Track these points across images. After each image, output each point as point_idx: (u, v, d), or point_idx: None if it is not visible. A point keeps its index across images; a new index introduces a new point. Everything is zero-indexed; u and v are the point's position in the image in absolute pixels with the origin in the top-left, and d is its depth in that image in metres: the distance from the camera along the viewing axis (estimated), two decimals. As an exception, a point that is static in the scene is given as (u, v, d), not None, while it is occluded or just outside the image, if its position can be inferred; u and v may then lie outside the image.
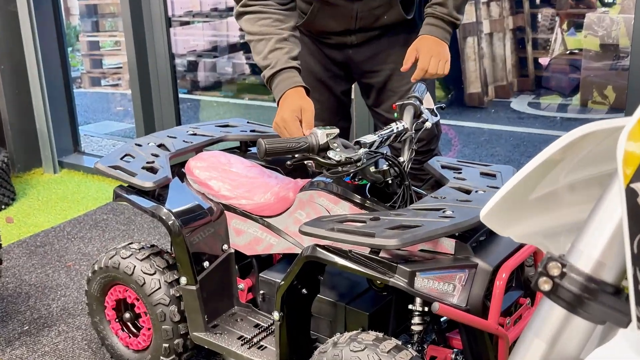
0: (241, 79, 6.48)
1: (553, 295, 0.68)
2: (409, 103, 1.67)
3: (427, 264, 1.38)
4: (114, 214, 3.51)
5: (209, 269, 1.82)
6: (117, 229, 3.31)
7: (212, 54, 6.47)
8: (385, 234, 1.30)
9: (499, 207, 0.77)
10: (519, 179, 0.74)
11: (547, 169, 0.75)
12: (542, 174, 0.76)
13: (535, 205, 0.79)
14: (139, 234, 3.24)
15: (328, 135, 1.47)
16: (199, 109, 6.40)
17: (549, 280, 0.68)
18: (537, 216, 0.79)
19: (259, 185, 1.83)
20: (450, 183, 1.65)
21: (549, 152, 0.73)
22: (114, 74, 7.25)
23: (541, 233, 0.80)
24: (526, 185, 0.76)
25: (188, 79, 6.58)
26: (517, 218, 0.79)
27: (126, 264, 1.87)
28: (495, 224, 0.79)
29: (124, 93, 6.77)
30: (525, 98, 5.61)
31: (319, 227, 1.39)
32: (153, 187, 1.78)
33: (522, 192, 0.76)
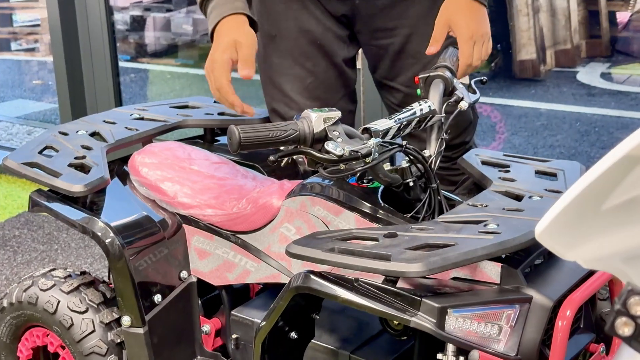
0: (204, 41, 6.49)
1: (635, 341, 0.68)
2: (437, 75, 1.67)
3: (462, 297, 1.38)
4: (30, 229, 3.51)
5: (161, 304, 1.82)
6: (33, 249, 3.31)
7: (164, 7, 6.48)
8: (404, 256, 1.30)
9: (560, 220, 0.77)
10: (588, 183, 0.75)
11: (627, 169, 0.76)
12: (620, 176, 0.76)
13: (610, 218, 0.80)
14: (63, 256, 3.24)
15: (326, 120, 1.46)
16: (147, 83, 6.40)
17: (630, 321, 0.68)
18: (612, 233, 0.80)
19: (230, 189, 1.83)
20: (494, 186, 1.65)
21: (630, 145, 0.73)
22: (29, 35, 7.24)
23: (618, 256, 0.81)
24: (598, 191, 0.76)
25: (131, 42, 6.59)
26: (585, 236, 0.80)
27: (47, 299, 1.87)
28: (556, 243, 0.80)
29: (42, 61, 6.77)
30: (597, 67, 5.63)
31: (314, 247, 1.39)
32: (84, 192, 1.77)
33: (592, 200, 0.77)
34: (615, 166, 0.74)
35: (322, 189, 1.65)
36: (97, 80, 3.87)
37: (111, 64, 3.82)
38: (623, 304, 0.69)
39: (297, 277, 1.50)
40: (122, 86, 4.01)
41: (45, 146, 1.95)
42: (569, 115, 4.87)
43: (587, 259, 0.81)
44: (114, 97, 3.87)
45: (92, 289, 1.90)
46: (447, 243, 1.34)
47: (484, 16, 1.80)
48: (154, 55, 6.60)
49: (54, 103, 5.07)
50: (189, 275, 1.86)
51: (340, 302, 1.45)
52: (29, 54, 7.12)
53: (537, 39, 5.52)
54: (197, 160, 1.92)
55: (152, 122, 2.07)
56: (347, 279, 1.44)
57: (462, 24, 1.76)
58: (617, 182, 0.77)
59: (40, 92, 6.21)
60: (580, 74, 5.54)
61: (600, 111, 4.89)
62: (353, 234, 1.44)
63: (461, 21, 1.76)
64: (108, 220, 1.78)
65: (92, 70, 3.87)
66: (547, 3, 5.61)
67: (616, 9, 5.76)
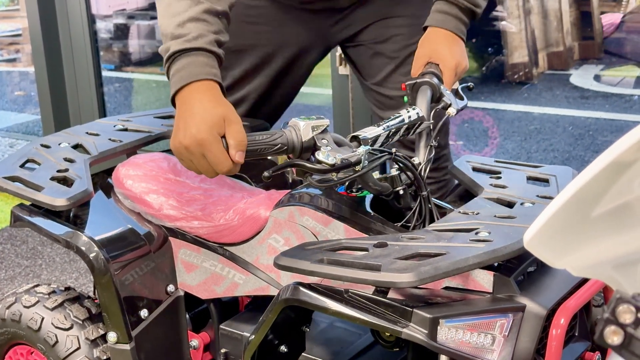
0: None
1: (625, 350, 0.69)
2: (424, 82, 1.68)
3: (454, 307, 1.38)
4: (13, 244, 3.50)
5: (148, 319, 1.81)
6: (17, 264, 3.30)
7: (148, 15, 6.47)
8: (395, 266, 1.30)
9: (549, 228, 0.78)
10: (576, 189, 0.75)
11: (617, 174, 0.76)
12: (610, 181, 0.77)
13: (600, 224, 0.80)
14: (48, 271, 3.23)
15: (314, 128, 1.46)
16: (132, 92, 6.40)
17: (619, 329, 0.69)
18: (602, 240, 0.80)
19: (217, 200, 1.83)
20: (486, 193, 1.66)
21: (619, 149, 0.74)
22: (10, 45, 7.23)
23: (609, 263, 0.81)
24: (587, 198, 0.77)
25: (115, 51, 6.58)
26: (574, 243, 0.80)
27: (31, 316, 1.87)
28: (545, 251, 0.80)
29: (24, 71, 6.75)
30: (591, 69, 5.65)
31: (303, 259, 1.39)
32: (67, 206, 1.76)
33: (581, 207, 0.77)
34: (603, 172, 0.75)
35: (310, 198, 1.65)
36: (80, 90, 3.87)
37: (94, 74, 3.82)
38: (612, 312, 0.69)
39: (286, 289, 1.50)
40: (106, 96, 4.01)
41: (27, 159, 1.94)
42: (562, 119, 4.88)
43: (577, 267, 0.82)
44: (97, 107, 3.87)
45: (77, 305, 1.89)
46: (439, 252, 1.34)
47: (461, 46, 1.82)
48: (138, 63, 6.59)
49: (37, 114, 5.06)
50: (176, 289, 1.85)
51: (331, 314, 1.45)
52: (10, 64, 7.11)
53: (529, 42, 5.54)
54: (183, 172, 1.92)
55: (136, 133, 2.06)
56: (337, 291, 1.44)
57: (446, 54, 1.77)
58: (606, 189, 0.77)
59: (23, 103, 6.20)
60: (573, 76, 5.56)
61: (594, 114, 4.91)
62: (342, 244, 1.44)
63: (445, 51, 1.78)
64: (92, 234, 1.78)
65: (75, 80, 3.87)
66: (539, 5, 5.63)
67: (609, 10, 5.79)
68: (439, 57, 1.77)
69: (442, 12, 1.83)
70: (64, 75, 3.88)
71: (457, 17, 1.82)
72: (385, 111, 2.12)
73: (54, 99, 3.87)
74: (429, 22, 1.84)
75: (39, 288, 1.94)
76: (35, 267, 3.27)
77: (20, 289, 1.97)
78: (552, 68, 5.63)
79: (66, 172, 1.86)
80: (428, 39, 1.83)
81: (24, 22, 5.56)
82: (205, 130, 1.44)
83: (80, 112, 3.90)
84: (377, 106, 2.16)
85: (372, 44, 2.09)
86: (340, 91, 3.16)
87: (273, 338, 1.59)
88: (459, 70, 1.78)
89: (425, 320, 1.35)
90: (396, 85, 2.06)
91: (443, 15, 1.82)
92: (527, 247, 0.80)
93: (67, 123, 3.95)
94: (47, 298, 1.90)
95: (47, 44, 3.79)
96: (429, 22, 1.84)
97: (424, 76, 1.69)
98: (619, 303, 0.70)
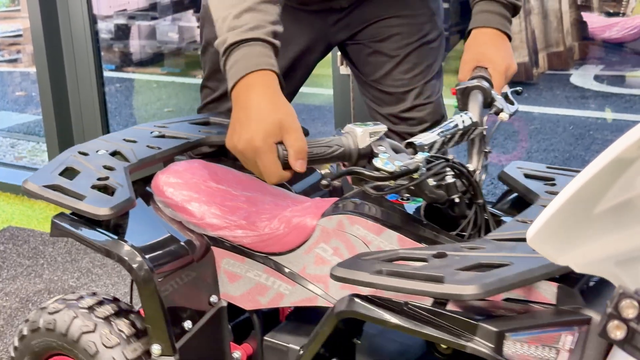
0: (191, 48, 6.49)
1: (628, 345, 0.69)
2: (475, 86, 1.63)
3: (519, 320, 1.31)
4: (15, 244, 3.50)
5: (191, 331, 1.76)
6: (19, 264, 3.30)
7: (149, 15, 6.48)
8: (458, 277, 1.24)
9: (551, 225, 0.78)
10: (579, 187, 0.75)
11: (618, 171, 0.76)
12: (612, 178, 0.77)
13: (602, 221, 0.81)
14: (50, 271, 3.23)
15: (371, 134, 1.41)
16: (133, 92, 6.40)
17: (622, 324, 0.69)
18: (604, 237, 0.81)
19: (261, 208, 1.77)
20: (542, 200, 1.60)
21: (620, 147, 0.74)
22: (11, 46, 7.23)
23: (611, 260, 0.82)
24: (589, 195, 0.77)
25: (116, 51, 6.59)
26: (577, 240, 0.80)
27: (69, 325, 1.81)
28: (548, 248, 0.81)
29: (25, 71, 6.75)
30: (591, 69, 5.66)
31: (360, 270, 1.33)
32: (111, 216, 1.69)
33: (583, 204, 0.78)
34: (605, 169, 0.75)
35: (360, 207, 1.59)
36: (81, 90, 3.87)
37: (96, 74, 3.82)
38: (615, 307, 0.70)
39: (341, 302, 1.44)
40: (107, 96, 4.00)
41: (65, 167, 1.87)
42: (563, 119, 4.88)
43: (579, 263, 0.82)
44: (99, 107, 3.86)
45: (123, 319, 1.83)
46: (502, 263, 1.29)
47: (511, 49, 1.77)
48: (139, 64, 6.59)
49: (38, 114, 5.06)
50: (219, 300, 1.80)
51: (390, 327, 1.39)
52: (11, 65, 7.11)
53: (529, 42, 5.54)
54: (224, 179, 1.87)
55: (174, 140, 1.99)
56: (396, 303, 1.38)
57: (495, 57, 1.73)
58: (608, 186, 0.78)
59: (24, 103, 6.19)
60: (573, 76, 5.56)
61: (595, 114, 4.91)
62: (400, 254, 1.38)
63: (494, 54, 1.74)
64: (134, 243, 1.73)
65: (76, 80, 3.87)
66: (539, 5, 5.63)
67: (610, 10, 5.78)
68: (487, 61, 1.73)
69: (485, 12, 1.78)
70: (65, 75, 3.87)
71: (501, 14, 1.78)
72: (382, 107, 2.11)
73: (56, 99, 3.87)
74: (472, 24, 1.80)
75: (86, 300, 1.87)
76: (37, 267, 3.27)
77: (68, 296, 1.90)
78: (552, 68, 5.63)
79: (107, 181, 1.79)
80: (474, 41, 1.78)
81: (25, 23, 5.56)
82: (261, 139, 1.38)
83: (81, 112, 3.90)
84: (375, 102, 2.14)
85: (372, 43, 2.08)
86: (341, 91, 3.16)
87: (324, 351, 1.54)
88: (509, 74, 1.74)
89: (491, 334, 1.29)
90: (395, 83, 2.06)
91: (486, 15, 1.78)
92: (530, 244, 0.81)
93: (68, 123, 3.94)
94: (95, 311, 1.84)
95: (48, 44, 3.78)
96: (472, 24, 1.80)
97: (474, 80, 1.64)
98: (621, 298, 0.70)
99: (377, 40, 2.08)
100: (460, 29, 5.56)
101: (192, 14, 6.49)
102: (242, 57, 1.48)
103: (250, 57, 1.48)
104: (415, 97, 2.07)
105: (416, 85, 2.07)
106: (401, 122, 2.08)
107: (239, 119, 1.44)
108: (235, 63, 1.48)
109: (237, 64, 1.47)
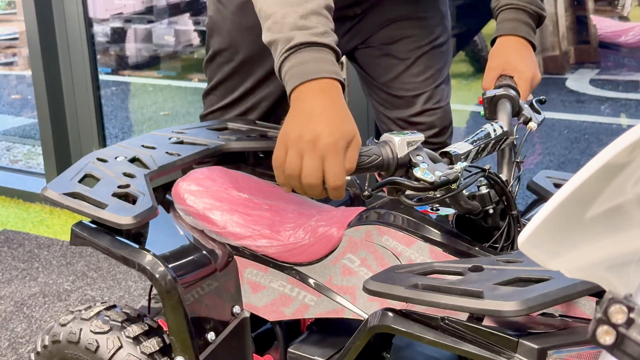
0: (187, 52, 6.50)
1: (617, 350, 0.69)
2: (503, 95, 1.61)
3: (560, 337, 1.28)
4: (10, 247, 3.50)
5: (215, 342, 1.72)
6: (14, 267, 3.30)
7: (145, 18, 6.48)
8: (498, 292, 1.21)
9: (543, 229, 0.78)
10: (570, 191, 0.75)
11: (610, 176, 0.77)
12: (603, 184, 0.77)
13: (594, 226, 0.81)
14: (45, 274, 3.24)
15: (409, 144, 1.38)
16: (129, 96, 6.40)
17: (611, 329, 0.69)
18: (595, 241, 0.81)
19: (285, 217, 1.74)
20: None
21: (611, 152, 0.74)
22: (7, 49, 7.23)
23: (602, 264, 0.82)
24: (580, 200, 0.77)
25: (112, 54, 6.59)
26: (568, 244, 0.81)
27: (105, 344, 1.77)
28: (539, 253, 0.81)
29: (20, 75, 6.75)
30: (586, 73, 5.67)
31: (395, 284, 1.31)
32: (134, 225, 1.65)
33: (574, 208, 0.78)
34: (597, 174, 0.75)
35: (389, 217, 1.57)
36: (77, 93, 3.87)
37: (91, 77, 3.82)
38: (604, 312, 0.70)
39: (375, 316, 1.41)
40: (102, 99, 4.00)
41: (85, 174, 1.83)
42: (558, 123, 4.89)
43: (570, 268, 0.82)
44: (94, 110, 3.87)
45: (152, 337, 1.80)
46: (541, 277, 1.26)
47: (535, 58, 1.76)
48: (135, 67, 6.59)
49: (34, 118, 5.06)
50: (242, 310, 1.77)
51: (426, 342, 1.35)
52: (6, 68, 7.11)
53: (525, 46, 5.54)
54: (246, 187, 1.84)
55: (194, 147, 1.95)
56: (432, 317, 1.35)
57: (521, 65, 1.73)
58: (599, 191, 0.78)
59: (19, 106, 6.20)
60: (569, 80, 5.57)
61: (590, 118, 4.92)
62: (434, 267, 1.36)
63: (519, 62, 1.73)
64: (155, 252, 1.69)
65: (72, 83, 3.87)
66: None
67: (605, 14, 5.79)
68: (513, 69, 1.72)
69: (510, 20, 1.77)
70: (61, 78, 3.88)
71: (526, 23, 1.78)
72: (391, 110, 2.10)
73: (51, 102, 3.87)
74: (498, 32, 1.79)
75: (111, 313, 1.85)
76: (32, 270, 3.27)
77: (90, 312, 1.86)
78: (548, 72, 5.64)
79: (128, 188, 1.75)
80: (500, 50, 1.77)
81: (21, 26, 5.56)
82: (337, 138, 1.31)
83: (77, 116, 3.90)
84: (384, 105, 2.12)
85: (382, 46, 2.06)
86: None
87: None
88: (534, 83, 1.73)
89: (532, 351, 1.26)
90: (405, 86, 2.04)
91: (512, 23, 1.77)
92: (521, 249, 0.80)
93: (64, 126, 3.95)
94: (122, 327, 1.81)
95: (44, 47, 3.79)
96: (498, 32, 1.79)
97: (501, 88, 1.63)
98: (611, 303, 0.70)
99: (388, 43, 2.06)
100: (454, 34, 5.57)
101: (188, 18, 6.50)
102: (312, 59, 1.41)
103: (322, 62, 1.42)
104: (425, 101, 2.06)
105: (426, 89, 2.05)
106: (410, 126, 2.06)
107: (311, 112, 1.35)
108: (304, 63, 1.40)
109: (307, 64, 1.40)
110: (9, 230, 3.70)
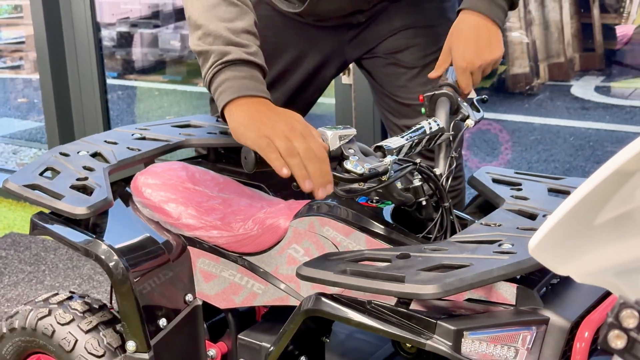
0: (193, 57, 6.49)
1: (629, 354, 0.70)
2: (442, 93, 1.67)
3: (478, 319, 1.35)
4: (17, 250, 3.50)
5: (166, 328, 1.79)
6: (20, 270, 3.31)
7: (151, 23, 6.49)
8: (419, 277, 1.29)
9: (553, 235, 0.79)
10: (580, 198, 0.76)
11: (618, 183, 0.77)
12: (612, 190, 0.78)
13: (602, 232, 0.82)
14: (51, 277, 3.24)
15: (341, 137, 1.44)
16: (135, 100, 6.41)
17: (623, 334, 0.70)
18: (605, 247, 0.82)
19: (236, 209, 1.81)
20: (507, 204, 1.63)
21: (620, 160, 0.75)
22: (14, 52, 7.24)
23: (611, 270, 0.83)
24: (590, 206, 0.78)
25: (118, 58, 6.60)
26: (578, 250, 0.81)
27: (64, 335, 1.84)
28: (549, 258, 0.81)
29: (27, 78, 6.77)
30: (592, 81, 5.67)
31: (325, 269, 1.37)
32: (88, 215, 1.74)
33: (584, 215, 0.79)
34: (606, 181, 0.76)
35: (331, 209, 1.63)
36: (84, 97, 3.88)
37: (98, 81, 3.83)
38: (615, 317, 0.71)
39: (308, 300, 1.49)
40: (109, 103, 4.01)
41: (46, 167, 1.91)
42: (563, 130, 4.89)
43: (580, 274, 0.83)
44: (101, 114, 3.88)
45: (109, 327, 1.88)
46: (462, 264, 1.33)
47: (488, 42, 1.74)
48: (141, 71, 6.61)
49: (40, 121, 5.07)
50: (194, 299, 1.84)
51: (353, 325, 1.43)
52: (13, 71, 7.13)
53: (530, 52, 5.56)
54: (201, 181, 1.91)
55: (155, 142, 2.04)
56: (360, 301, 1.43)
57: (457, 55, 1.74)
58: (609, 197, 0.79)
59: (26, 110, 6.21)
60: (574, 87, 5.57)
61: (595, 125, 4.92)
62: (365, 255, 1.43)
63: (458, 51, 1.74)
64: (111, 243, 1.76)
65: (79, 87, 3.88)
66: (540, 16, 5.64)
67: (611, 22, 5.79)
68: (453, 56, 1.74)
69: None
70: (68, 82, 3.89)
71: (494, 1, 1.75)
72: (399, 119, 2.11)
73: (58, 106, 3.88)
74: (462, 4, 1.77)
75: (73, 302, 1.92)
76: (39, 273, 3.28)
77: (53, 299, 1.95)
78: (553, 79, 5.64)
79: (86, 181, 1.83)
80: (452, 31, 1.77)
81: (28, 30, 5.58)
82: (302, 126, 1.41)
83: (84, 119, 3.91)
84: (392, 113, 2.14)
85: (389, 55, 2.07)
86: (343, 100, 3.17)
87: (293, 349, 1.57)
88: (474, 67, 1.73)
89: (449, 332, 1.33)
90: (413, 95, 2.05)
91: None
92: (531, 254, 0.81)
93: (71, 130, 3.96)
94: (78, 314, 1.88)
95: (52, 51, 3.80)
96: (462, 4, 1.77)
97: (442, 88, 1.69)
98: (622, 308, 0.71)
99: (394, 52, 2.07)
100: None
101: (194, 22, 6.50)
102: (248, 77, 1.50)
103: (255, 81, 1.51)
104: None
105: None
106: None
107: (259, 117, 1.43)
108: (240, 78, 1.49)
109: (243, 80, 1.49)
110: (16, 233, 3.70)
